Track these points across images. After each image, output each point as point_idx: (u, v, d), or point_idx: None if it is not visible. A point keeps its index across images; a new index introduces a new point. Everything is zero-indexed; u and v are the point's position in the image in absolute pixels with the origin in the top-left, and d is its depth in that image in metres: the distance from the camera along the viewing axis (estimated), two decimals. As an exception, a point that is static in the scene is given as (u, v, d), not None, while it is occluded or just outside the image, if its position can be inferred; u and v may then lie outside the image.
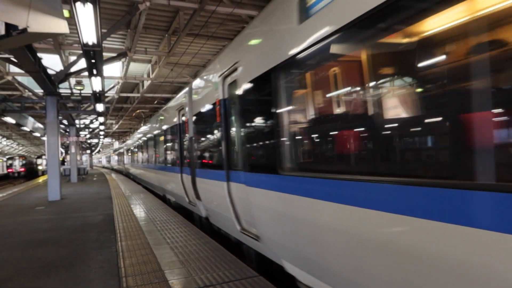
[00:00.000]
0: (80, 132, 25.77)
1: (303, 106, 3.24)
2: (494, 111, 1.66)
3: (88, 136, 32.64)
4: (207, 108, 5.86)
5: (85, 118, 25.56)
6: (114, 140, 56.40)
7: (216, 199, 5.39)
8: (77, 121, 23.43)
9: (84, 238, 5.77)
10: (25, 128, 20.58)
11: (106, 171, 41.52)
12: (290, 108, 3.35)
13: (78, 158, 24.57)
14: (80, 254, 4.85)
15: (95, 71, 8.89)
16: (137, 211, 8.46)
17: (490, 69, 1.65)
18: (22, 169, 45.85)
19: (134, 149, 20.38)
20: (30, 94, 16.44)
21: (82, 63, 10.32)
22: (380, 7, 2.11)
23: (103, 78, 10.33)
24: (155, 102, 23.17)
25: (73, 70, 11.72)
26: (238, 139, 4.45)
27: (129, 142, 24.83)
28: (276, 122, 3.41)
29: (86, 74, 11.12)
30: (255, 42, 3.96)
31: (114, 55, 11.58)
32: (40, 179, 26.83)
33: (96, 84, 10.53)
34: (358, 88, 2.61)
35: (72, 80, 16.42)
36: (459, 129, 1.84)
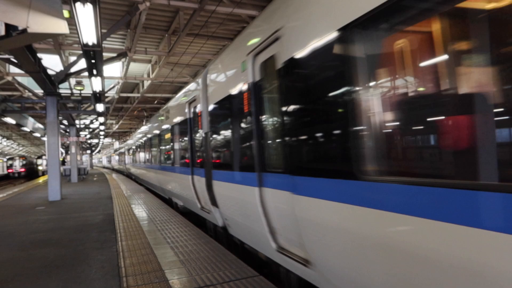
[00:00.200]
0: (80, 132, 25.83)
1: (404, 76, 2.26)
2: None
3: (88, 136, 32.70)
4: (228, 96, 4.81)
5: (85, 118, 25.64)
6: (114, 140, 56.51)
7: (241, 207, 4.48)
8: (77, 121, 23.48)
9: (85, 238, 5.78)
10: (25, 129, 20.57)
11: (107, 171, 41.57)
12: (382, 80, 2.38)
13: (78, 158, 24.58)
14: (81, 254, 4.86)
15: (95, 71, 8.90)
16: (137, 211, 8.47)
17: None
18: (22, 169, 45.98)
19: (136, 148, 19.45)
20: (30, 94, 16.47)
21: (82, 63, 10.36)
22: None
23: (103, 78, 10.34)
24: (155, 102, 23.22)
25: (73, 70, 11.75)
26: (280, 133, 3.49)
27: (130, 141, 24.07)
28: (352, 106, 2.39)
29: (86, 74, 11.17)
30: None
31: (114, 55, 11.59)
32: (40, 179, 26.84)
33: (96, 84, 10.55)
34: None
35: (72, 80, 16.45)
36: None
